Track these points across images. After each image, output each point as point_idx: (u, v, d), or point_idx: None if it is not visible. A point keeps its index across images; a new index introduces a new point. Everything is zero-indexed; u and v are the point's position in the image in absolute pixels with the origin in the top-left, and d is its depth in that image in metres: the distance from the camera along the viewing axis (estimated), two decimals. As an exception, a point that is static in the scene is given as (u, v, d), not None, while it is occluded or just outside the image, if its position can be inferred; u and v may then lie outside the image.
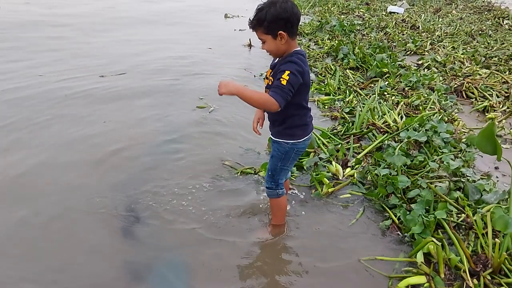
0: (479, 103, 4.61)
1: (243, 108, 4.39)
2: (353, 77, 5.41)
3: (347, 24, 8.18)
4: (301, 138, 2.18)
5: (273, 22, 1.93)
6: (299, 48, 2.07)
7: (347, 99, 4.58)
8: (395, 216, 2.62)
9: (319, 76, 5.53)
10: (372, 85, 5.18)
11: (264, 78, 2.14)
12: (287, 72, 1.92)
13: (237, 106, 4.40)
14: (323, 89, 4.94)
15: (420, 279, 2.10)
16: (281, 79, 1.92)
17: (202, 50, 6.59)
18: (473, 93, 4.87)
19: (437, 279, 2.10)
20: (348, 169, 3.15)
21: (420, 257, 2.21)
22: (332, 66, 5.80)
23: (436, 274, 2.13)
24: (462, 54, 6.41)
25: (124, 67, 5.49)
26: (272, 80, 2.05)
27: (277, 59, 2.11)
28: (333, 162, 3.19)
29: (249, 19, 2.01)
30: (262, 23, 1.95)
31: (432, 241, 2.20)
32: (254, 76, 5.52)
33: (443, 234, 2.45)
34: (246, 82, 5.16)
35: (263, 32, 1.98)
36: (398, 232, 2.52)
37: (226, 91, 1.89)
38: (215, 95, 2.05)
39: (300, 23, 2.11)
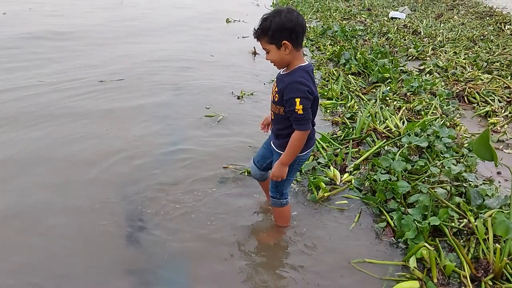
0: (481, 108, 4.61)
1: (246, 114, 4.41)
2: (355, 82, 5.42)
3: (349, 29, 8.20)
4: (304, 151, 2.16)
5: (278, 31, 1.90)
6: (304, 63, 2.01)
7: (348, 105, 4.59)
8: (391, 219, 2.62)
9: (322, 80, 5.55)
10: (374, 90, 5.19)
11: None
12: (298, 101, 1.93)
13: (240, 113, 4.41)
14: (325, 93, 4.96)
15: (413, 284, 2.11)
16: (297, 110, 1.94)
17: (205, 58, 6.59)
18: (475, 98, 4.87)
19: (430, 284, 2.10)
20: (346, 175, 3.15)
21: (413, 262, 2.21)
22: (335, 72, 5.82)
23: (429, 279, 2.13)
24: (464, 59, 6.42)
25: (125, 73, 5.50)
26: (278, 97, 2.03)
27: (282, 70, 2.08)
28: (331, 167, 3.19)
29: (254, 28, 1.99)
30: (266, 32, 1.93)
31: (425, 246, 2.20)
32: (264, 84, 5.48)
33: (444, 240, 2.44)
34: (256, 89, 5.15)
35: (267, 42, 1.96)
36: (392, 237, 2.52)
37: (285, 174, 2.12)
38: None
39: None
